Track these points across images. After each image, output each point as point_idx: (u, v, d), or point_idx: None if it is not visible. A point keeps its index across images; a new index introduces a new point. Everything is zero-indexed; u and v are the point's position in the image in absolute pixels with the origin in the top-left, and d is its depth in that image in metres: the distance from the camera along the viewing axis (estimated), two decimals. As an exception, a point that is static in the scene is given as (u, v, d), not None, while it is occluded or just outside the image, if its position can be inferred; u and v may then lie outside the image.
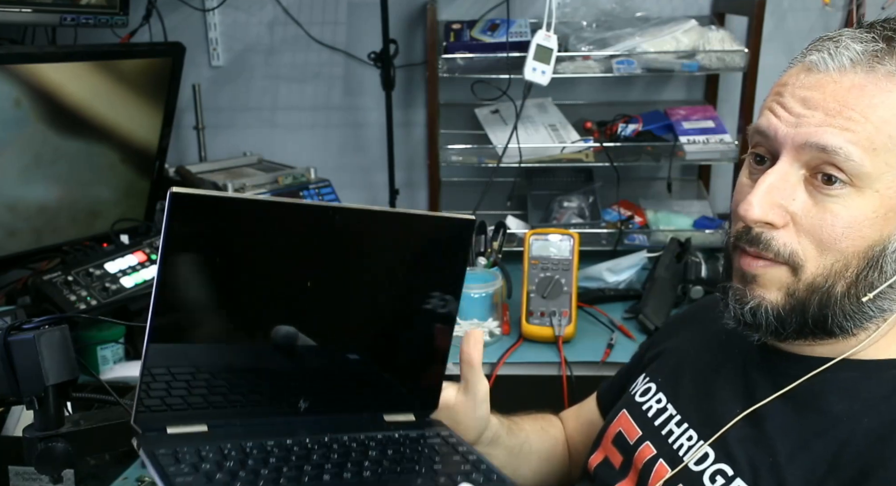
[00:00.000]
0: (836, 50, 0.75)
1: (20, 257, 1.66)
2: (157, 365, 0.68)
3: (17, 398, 0.76)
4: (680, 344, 1.00)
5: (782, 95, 0.78)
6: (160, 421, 0.68)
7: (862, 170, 0.72)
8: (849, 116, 0.73)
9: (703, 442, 0.83)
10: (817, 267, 0.76)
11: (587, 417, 1.14)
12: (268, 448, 0.69)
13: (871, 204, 0.73)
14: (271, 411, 0.75)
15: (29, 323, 0.74)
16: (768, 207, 0.76)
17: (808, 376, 0.79)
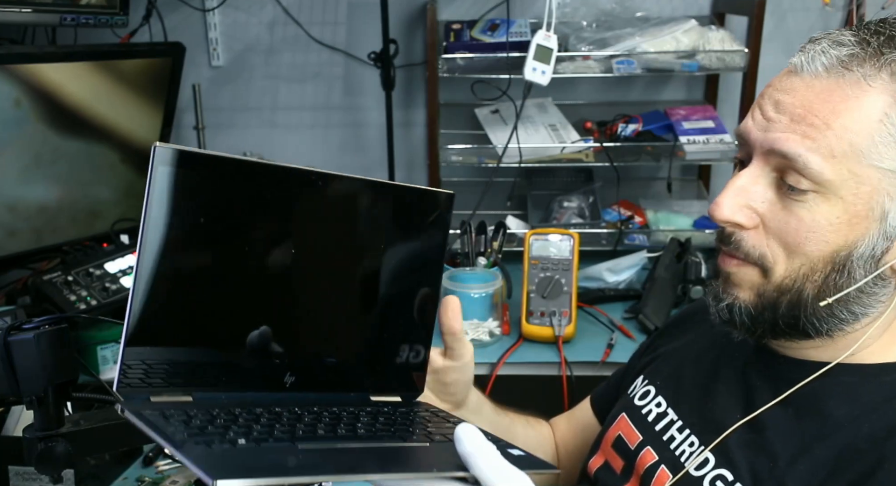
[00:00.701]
0: (814, 53, 0.77)
1: (20, 257, 1.66)
2: (140, 338, 0.65)
3: (17, 398, 0.76)
4: (678, 347, 1.00)
5: (763, 96, 0.80)
6: (143, 391, 0.66)
7: (822, 177, 0.74)
8: (811, 122, 0.74)
9: (703, 448, 0.83)
10: (786, 269, 0.78)
11: (581, 421, 1.14)
12: (257, 412, 0.67)
13: (834, 210, 0.75)
14: (256, 385, 0.73)
15: (29, 323, 0.74)
16: (736, 208, 0.78)
17: (805, 381, 0.79)
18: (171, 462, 1.24)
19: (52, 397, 0.73)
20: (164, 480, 1.21)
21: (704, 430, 0.85)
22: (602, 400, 1.12)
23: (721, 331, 0.86)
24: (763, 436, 0.80)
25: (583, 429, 1.12)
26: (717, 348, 0.92)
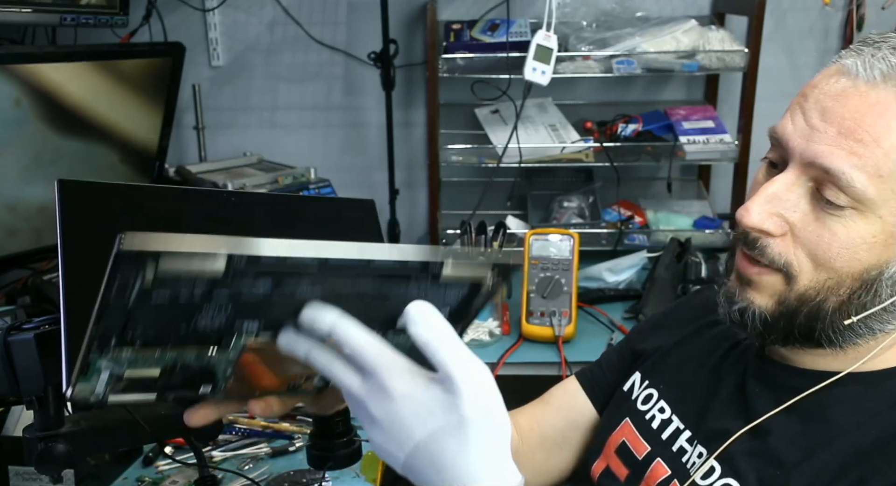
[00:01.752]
0: (872, 58, 0.72)
1: (20, 256, 1.66)
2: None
3: (17, 398, 0.76)
4: (677, 344, 0.98)
5: (807, 98, 0.76)
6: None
7: (865, 196, 0.71)
8: (860, 137, 0.70)
9: (709, 456, 0.82)
10: (811, 280, 0.75)
11: (568, 404, 1.06)
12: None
13: (871, 229, 0.72)
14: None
15: (29, 323, 0.74)
16: (766, 215, 0.75)
17: (812, 390, 0.78)
18: (171, 462, 1.24)
19: (52, 397, 0.73)
20: (164, 480, 1.21)
21: (710, 439, 0.84)
22: (596, 385, 1.06)
23: (723, 334, 0.85)
24: (768, 443, 0.79)
25: (569, 411, 1.05)
26: (719, 353, 0.91)
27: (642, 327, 1.09)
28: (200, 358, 0.65)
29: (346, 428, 0.92)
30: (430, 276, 0.66)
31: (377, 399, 0.63)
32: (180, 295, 0.58)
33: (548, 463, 1.04)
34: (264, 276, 0.60)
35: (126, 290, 0.56)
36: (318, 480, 1.15)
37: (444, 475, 0.61)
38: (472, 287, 0.69)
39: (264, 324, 0.64)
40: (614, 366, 1.06)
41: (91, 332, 0.58)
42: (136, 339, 0.60)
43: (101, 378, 0.62)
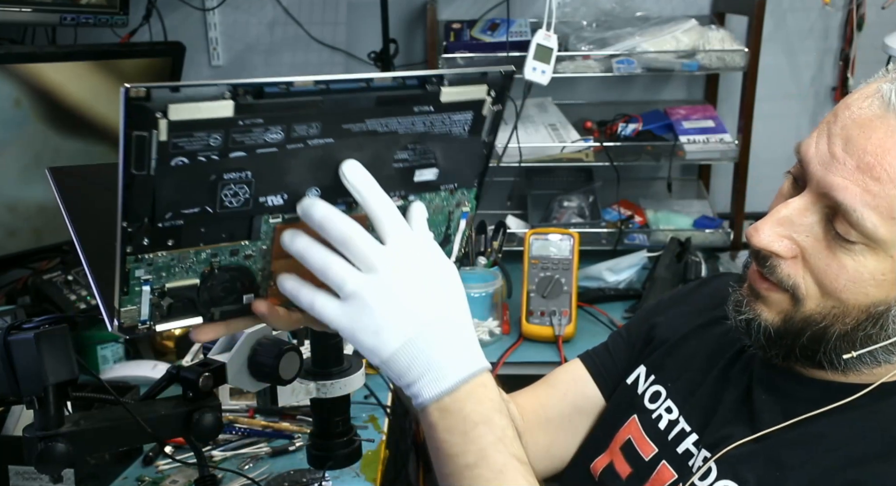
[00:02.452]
0: None
1: (20, 256, 1.66)
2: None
3: (17, 398, 0.76)
4: (688, 340, 0.98)
5: (837, 120, 0.74)
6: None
7: (876, 235, 0.70)
8: (878, 175, 0.69)
9: (711, 458, 0.82)
10: (817, 306, 0.75)
11: (576, 395, 1.05)
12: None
13: (881, 266, 0.71)
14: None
15: (29, 323, 0.74)
16: (775, 238, 0.75)
17: (822, 409, 0.78)
18: (171, 462, 1.24)
19: (52, 397, 0.73)
20: (164, 480, 1.21)
21: (715, 445, 0.83)
22: (606, 373, 1.05)
23: (730, 337, 0.85)
24: (769, 446, 0.79)
25: (576, 396, 1.04)
26: (728, 355, 0.91)
27: (656, 310, 1.07)
28: (235, 254, 0.66)
29: (346, 428, 0.93)
30: (431, 101, 0.66)
31: (377, 293, 0.64)
32: (198, 152, 0.59)
33: (551, 448, 1.03)
34: (274, 122, 0.61)
35: (144, 152, 0.57)
36: (318, 480, 1.15)
37: (426, 366, 0.65)
38: (475, 110, 0.69)
39: (287, 200, 0.65)
40: (622, 354, 1.05)
41: (122, 231, 0.60)
42: (167, 232, 0.62)
43: (143, 294, 0.64)
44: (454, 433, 0.66)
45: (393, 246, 0.65)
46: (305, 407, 1.32)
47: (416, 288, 0.65)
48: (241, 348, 0.82)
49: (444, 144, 0.70)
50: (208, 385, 0.78)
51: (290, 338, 0.88)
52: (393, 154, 0.68)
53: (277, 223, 0.66)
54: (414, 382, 0.66)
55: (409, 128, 0.67)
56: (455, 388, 0.66)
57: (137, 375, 1.51)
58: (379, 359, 0.66)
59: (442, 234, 0.75)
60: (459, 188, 0.74)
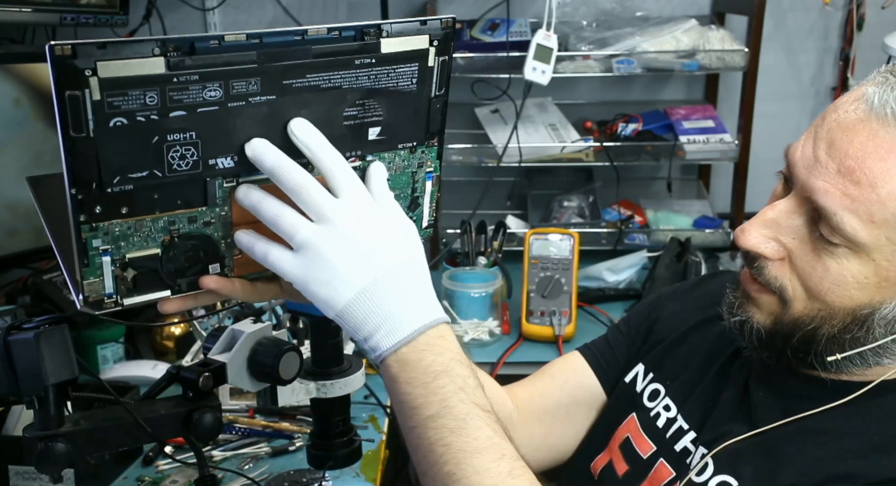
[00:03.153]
0: (890, 93, 0.70)
1: (20, 256, 1.65)
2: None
3: (17, 398, 0.76)
4: (687, 337, 0.98)
5: (823, 122, 0.74)
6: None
7: (856, 239, 0.71)
8: (857, 179, 0.70)
9: (707, 454, 0.82)
10: (804, 308, 0.76)
11: (576, 386, 1.05)
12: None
13: (864, 270, 0.72)
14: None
15: (29, 323, 0.74)
16: (762, 239, 0.76)
17: (820, 409, 0.78)
18: (171, 462, 1.24)
19: (52, 397, 0.73)
20: (164, 480, 1.21)
21: (713, 442, 0.84)
22: (607, 367, 1.05)
23: (728, 335, 0.85)
24: (765, 440, 0.79)
25: (576, 388, 1.04)
26: (727, 353, 0.91)
27: (656, 305, 1.07)
28: (194, 221, 0.66)
29: (346, 428, 0.93)
30: (372, 53, 0.67)
31: (329, 243, 0.64)
32: (136, 112, 0.59)
33: (548, 438, 1.03)
34: (210, 79, 0.60)
35: (80, 112, 0.57)
36: (318, 480, 1.15)
37: (382, 317, 0.65)
38: (420, 62, 0.69)
39: (237, 162, 0.65)
40: (622, 347, 1.05)
41: (72, 197, 0.60)
42: (118, 198, 0.61)
43: (104, 266, 0.63)
44: (415, 385, 0.66)
45: (346, 198, 0.64)
46: (305, 407, 1.32)
47: (369, 239, 0.65)
48: (241, 348, 0.82)
49: (393, 98, 0.70)
50: (208, 385, 0.78)
51: (290, 338, 0.88)
52: (342, 111, 0.68)
53: (232, 187, 0.66)
54: (371, 334, 0.66)
55: (354, 82, 0.67)
56: (413, 338, 0.66)
57: (137, 375, 1.51)
58: (333, 311, 0.65)
59: (408, 196, 0.75)
60: (419, 147, 0.73)
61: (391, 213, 0.67)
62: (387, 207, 0.67)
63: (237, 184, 0.66)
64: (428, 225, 0.76)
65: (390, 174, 0.72)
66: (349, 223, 0.64)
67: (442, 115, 0.73)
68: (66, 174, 0.59)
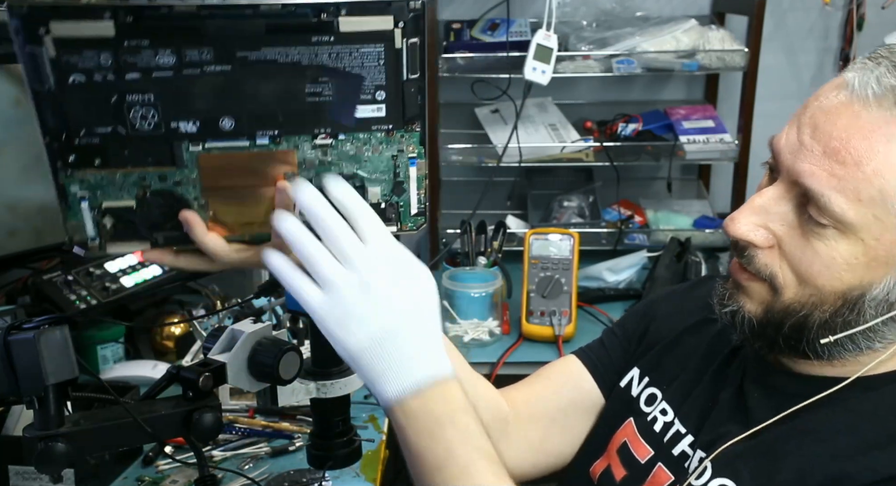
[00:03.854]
0: (870, 76, 0.71)
1: (20, 256, 1.65)
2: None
3: (17, 398, 0.76)
4: (681, 341, 0.98)
5: (806, 110, 0.75)
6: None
7: (844, 218, 0.71)
8: (843, 159, 0.70)
9: (706, 458, 0.82)
10: (795, 294, 0.76)
11: (573, 390, 1.04)
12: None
13: (853, 250, 0.72)
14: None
15: (29, 323, 0.74)
16: (752, 227, 0.77)
17: (812, 399, 0.78)
18: (171, 462, 1.24)
19: (52, 397, 0.73)
20: (164, 480, 1.21)
21: (710, 445, 0.84)
22: (605, 371, 1.04)
23: (726, 334, 0.85)
24: (762, 440, 0.79)
25: (573, 391, 1.04)
26: (722, 355, 0.91)
27: (650, 309, 1.07)
28: (164, 179, 0.70)
29: (346, 428, 0.93)
30: (330, 31, 0.67)
31: (352, 288, 0.67)
32: (93, 72, 0.65)
33: (544, 443, 1.02)
34: (161, 45, 0.65)
35: (40, 68, 0.63)
36: (318, 480, 1.15)
37: (388, 365, 0.68)
38: (385, 43, 0.69)
39: (200, 128, 0.68)
40: (617, 351, 1.05)
41: (47, 145, 0.67)
42: (88, 150, 0.67)
43: (83, 211, 0.70)
44: (420, 434, 0.69)
45: (372, 246, 0.68)
46: (305, 407, 1.32)
47: (387, 288, 0.67)
48: (241, 348, 0.82)
49: (358, 78, 0.70)
50: (208, 385, 0.78)
51: (290, 338, 0.88)
52: (303, 87, 0.69)
53: (199, 152, 0.70)
54: (376, 380, 0.68)
55: (312, 58, 0.68)
56: (418, 388, 0.68)
57: (137, 375, 1.51)
58: (347, 353, 0.68)
59: (391, 181, 0.75)
60: (397, 131, 0.73)
61: (411, 266, 0.70)
62: (407, 259, 0.70)
63: (203, 148, 0.70)
64: (418, 212, 0.76)
65: (369, 155, 0.73)
66: (371, 271, 0.67)
67: (419, 100, 0.72)
68: (37, 124, 0.66)
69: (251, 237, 0.75)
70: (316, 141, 0.72)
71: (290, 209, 0.70)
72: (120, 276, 1.61)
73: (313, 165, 0.73)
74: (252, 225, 0.74)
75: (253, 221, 0.74)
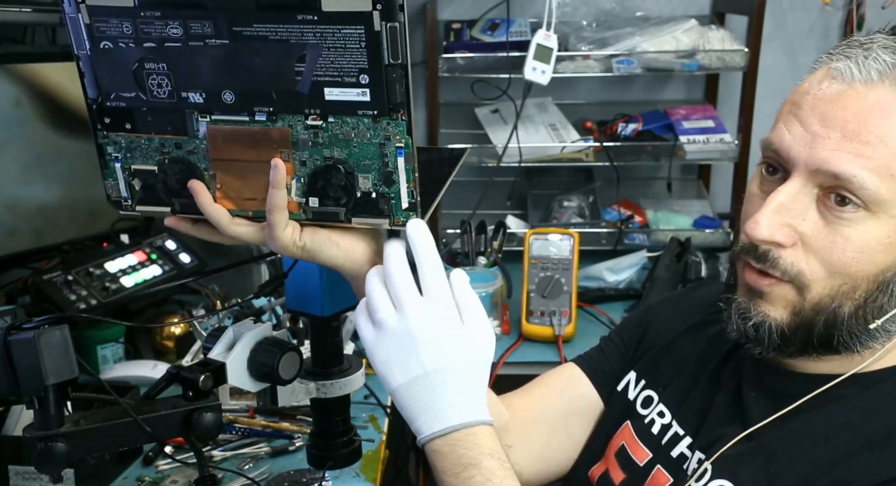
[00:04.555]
0: (866, 60, 0.71)
1: (20, 256, 1.65)
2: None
3: (17, 398, 0.76)
4: (677, 344, 0.98)
5: (800, 106, 0.74)
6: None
7: (878, 196, 0.70)
8: (866, 139, 0.69)
9: (705, 460, 0.82)
10: (824, 287, 0.75)
11: (573, 396, 1.03)
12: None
13: (885, 229, 0.71)
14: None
15: (29, 323, 0.74)
16: (776, 227, 0.74)
17: (809, 396, 0.78)
18: (171, 462, 1.24)
19: (52, 397, 0.73)
20: (164, 479, 1.21)
21: (709, 446, 0.83)
22: (604, 377, 1.04)
23: (722, 335, 0.85)
24: (762, 442, 0.79)
25: (572, 398, 1.03)
26: (718, 357, 0.91)
27: (647, 314, 1.06)
28: (180, 147, 0.77)
29: (346, 428, 0.93)
30: (312, 9, 0.70)
31: (398, 331, 0.75)
32: (118, 39, 0.73)
33: (545, 450, 1.02)
34: (170, 17, 0.72)
35: (79, 33, 0.75)
36: (318, 480, 1.15)
37: (423, 408, 0.74)
38: (365, 25, 0.70)
39: (206, 99, 0.74)
40: (616, 357, 1.05)
41: (88, 106, 0.76)
42: (119, 113, 0.76)
43: (117, 171, 0.79)
44: (448, 474, 0.74)
45: (428, 298, 0.75)
46: (305, 407, 1.32)
47: (433, 337, 0.74)
48: (241, 348, 0.82)
49: (342, 59, 0.71)
50: (208, 385, 0.78)
51: (290, 338, 0.88)
52: (291, 65, 0.72)
53: (207, 123, 0.75)
54: (412, 418, 0.75)
55: (299, 37, 0.71)
56: (446, 433, 0.74)
57: (137, 375, 1.51)
58: (388, 388, 0.76)
59: (380, 169, 0.75)
60: (382, 117, 0.73)
61: (469, 321, 0.76)
62: (466, 313, 0.76)
63: (211, 120, 0.75)
64: (408, 206, 0.76)
65: (357, 140, 0.74)
66: (419, 319, 0.74)
67: (403, 87, 0.72)
68: (81, 85, 0.76)
69: (254, 212, 0.78)
70: (308, 121, 0.74)
71: (281, 187, 0.74)
72: (120, 276, 1.61)
73: (307, 147, 0.75)
74: (254, 201, 0.77)
75: (255, 196, 0.77)
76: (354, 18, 0.70)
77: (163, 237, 1.74)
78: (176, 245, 1.73)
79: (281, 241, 0.76)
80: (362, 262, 0.80)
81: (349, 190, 0.76)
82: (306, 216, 0.77)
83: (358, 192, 0.75)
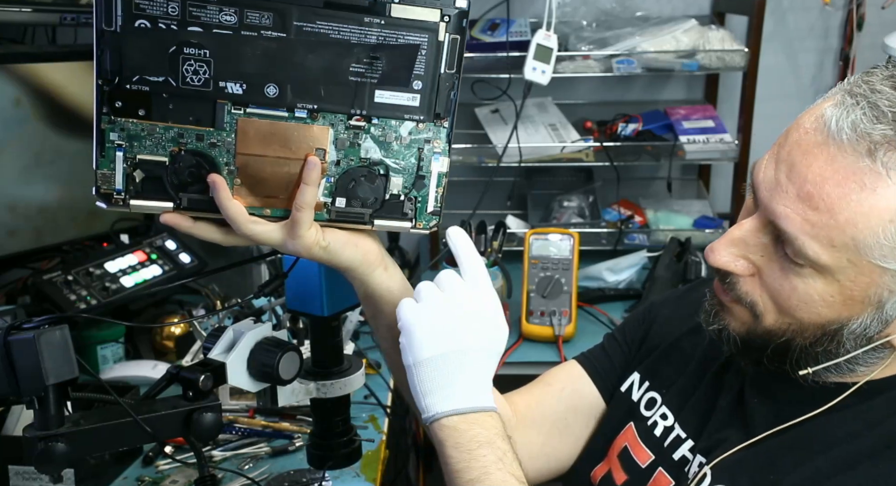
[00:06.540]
0: (847, 117, 0.69)
1: (20, 256, 1.65)
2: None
3: (17, 398, 0.76)
4: (680, 345, 0.98)
5: (786, 141, 0.74)
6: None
7: (818, 262, 0.71)
8: (816, 205, 0.70)
9: (707, 465, 0.82)
10: (775, 321, 0.77)
11: (573, 394, 1.04)
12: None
13: (829, 289, 0.72)
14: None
15: (29, 323, 0.74)
16: (732, 258, 0.77)
17: (813, 413, 0.78)
18: (171, 462, 1.24)
19: (52, 397, 0.73)
20: (164, 479, 1.21)
21: (710, 450, 0.84)
22: (605, 375, 1.04)
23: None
24: (764, 450, 0.79)
25: (573, 396, 1.04)
26: (721, 360, 0.91)
27: (649, 313, 1.07)
28: (201, 139, 0.73)
29: (346, 428, 0.93)
30: (381, 13, 0.71)
31: (438, 306, 0.78)
32: (158, 19, 0.69)
33: (545, 447, 1.02)
34: (227, 3, 0.70)
35: (112, 7, 0.68)
36: (318, 480, 1.15)
37: (444, 382, 0.77)
38: (430, 34, 0.73)
39: (245, 91, 0.72)
40: (618, 356, 1.05)
41: (98, 87, 0.71)
42: (136, 97, 0.71)
43: (117, 160, 0.73)
44: (460, 451, 0.75)
45: (469, 282, 0.80)
46: (305, 407, 1.32)
47: (465, 318, 0.78)
48: (241, 348, 0.82)
49: (398, 64, 0.73)
50: (208, 385, 0.79)
51: (290, 338, 0.88)
52: (347, 65, 0.73)
53: (240, 116, 0.73)
54: (429, 393, 0.76)
55: (362, 38, 0.72)
56: (465, 411, 0.76)
57: (137, 375, 1.51)
58: (412, 359, 0.77)
59: (413, 173, 0.78)
60: (426, 122, 0.76)
61: (496, 310, 0.80)
62: (495, 305, 0.80)
63: (245, 113, 0.73)
64: (433, 211, 0.79)
65: (396, 144, 0.77)
66: (457, 299, 0.78)
67: (451, 98, 0.76)
68: (95, 64, 0.70)
69: (272, 211, 0.77)
70: (350, 121, 0.75)
71: (314, 185, 0.74)
72: (120, 276, 1.61)
73: (344, 146, 0.75)
74: (274, 199, 0.76)
75: (276, 195, 0.76)
76: (420, 27, 0.73)
77: (163, 237, 1.74)
78: (176, 245, 1.73)
79: (305, 239, 0.76)
80: (375, 264, 0.83)
81: (379, 192, 0.77)
82: (328, 217, 0.77)
83: (387, 194, 0.77)
